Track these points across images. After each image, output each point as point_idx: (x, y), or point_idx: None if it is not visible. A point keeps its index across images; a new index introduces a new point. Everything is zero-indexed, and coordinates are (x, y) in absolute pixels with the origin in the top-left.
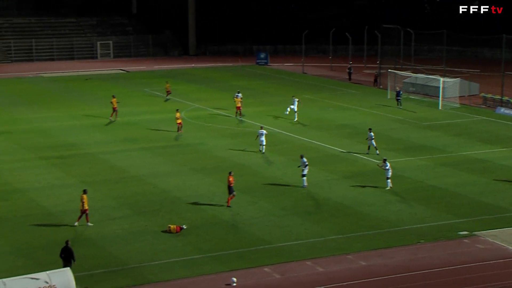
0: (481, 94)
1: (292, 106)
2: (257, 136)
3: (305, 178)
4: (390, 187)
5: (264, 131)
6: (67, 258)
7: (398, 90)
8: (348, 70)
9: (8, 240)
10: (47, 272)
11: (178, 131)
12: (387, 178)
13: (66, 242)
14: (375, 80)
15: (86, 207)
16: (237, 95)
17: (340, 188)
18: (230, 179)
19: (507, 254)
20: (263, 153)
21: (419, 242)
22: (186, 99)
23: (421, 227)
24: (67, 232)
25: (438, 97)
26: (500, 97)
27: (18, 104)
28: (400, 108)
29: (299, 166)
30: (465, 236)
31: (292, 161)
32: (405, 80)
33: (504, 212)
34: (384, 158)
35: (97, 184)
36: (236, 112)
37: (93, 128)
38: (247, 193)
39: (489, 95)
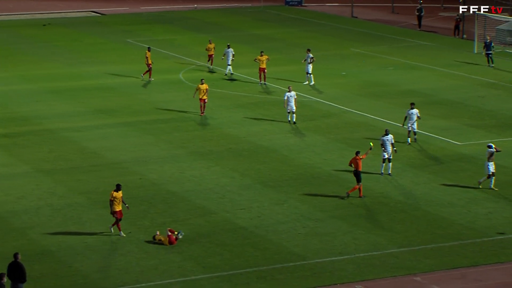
0: None
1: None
2: (285, 100)
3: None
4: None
5: (294, 93)
6: (15, 277)
7: (489, 41)
8: (417, 13)
9: None
10: None
11: (201, 112)
12: (490, 175)
13: (15, 256)
14: (456, 27)
15: (116, 208)
16: (261, 54)
17: (404, 181)
18: (359, 161)
19: None
20: (294, 123)
21: None
22: (186, 54)
23: None
24: (17, 241)
25: None
26: None
27: None
28: (492, 66)
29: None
30: None
31: (336, 141)
32: (499, 27)
33: None
34: (489, 144)
35: (59, 174)
36: (260, 76)
37: (54, 95)
38: (273, 188)
39: None
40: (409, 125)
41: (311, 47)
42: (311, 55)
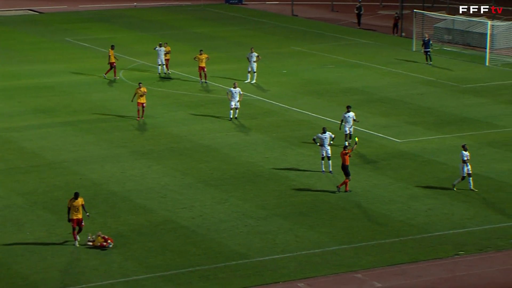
0: None
1: (252, 65)
2: (228, 94)
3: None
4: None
5: (239, 89)
6: None
7: (427, 39)
8: (356, 11)
9: None
10: None
11: (138, 116)
12: (465, 177)
13: None
14: (395, 25)
15: (73, 217)
16: (201, 52)
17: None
18: (346, 156)
19: None
20: (236, 118)
21: (457, 255)
22: (126, 52)
23: (460, 233)
24: None
25: (485, 48)
26: None
27: None
28: (430, 64)
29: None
30: None
31: (277, 140)
32: (437, 25)
33: None
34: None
35: None
36: (200, 74)
37: None
38: (214, 187)
39: None
40: (346, 128)
41: (252, 46)
42: (255, 54)
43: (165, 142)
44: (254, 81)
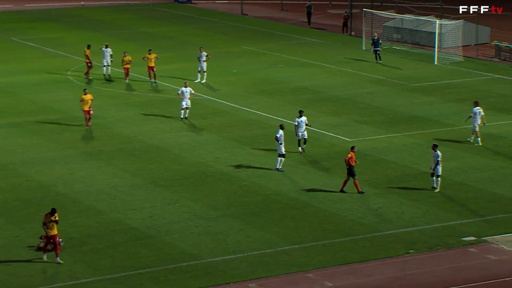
0: (493, 43)
1: (202, 64)
2: (179, 94)
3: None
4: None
5: (190, 89)
6: None
7: (376, 38)
8: (306, 10)
9: None
10: None
11: (87, 123)
12: (437, 176)
13: None
14: (345, 24)
15: (51, 232)
16: (149, 52)
17: (296, 178)
18: (352, 156)
19: None
20: (186, 118)
21: (407, 253)
22: (73, 52)
23: (411, 232)
24: None
25: (433, 47)
26: None
27: None
28: (380, 63)
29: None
30: (471, 243)
31: (228, 140)
32: (386, 24)
33: None
34: (435, 143)
35: None
36: (150, 74)
37: None
38: (165, 187)
39: (504, 44)
40: (299, 133)
41: (202, 45)
42: (205, 53)
43: (114, 142)
44: (204, 80)
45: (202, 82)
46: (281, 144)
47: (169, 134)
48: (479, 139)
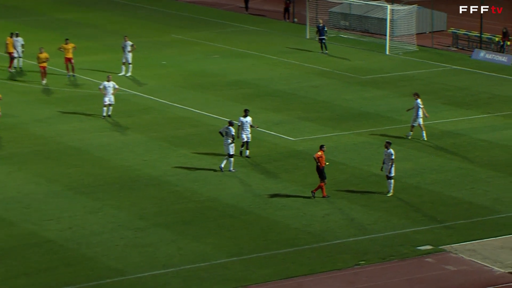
0: (450, 30)
1: (127, 56)
2: (101, 89)
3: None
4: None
5: (114, 83)
6: None
7: (321, 25)
8: None
9: None
10: None
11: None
12: (389, 178)
13: None
14: (286, 10)
15: None
16: (66, 42)
17: (233, 183)
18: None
19: (491, 278)
20: (109, 116)
21: (357, 265)
22: None
23: (361, 241)
24: None
25: (385, 35)
26: (478, 34)
27: None
28: (326, 53)
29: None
30: (428, 253)
31: (157, 140)
32: (332, 9)
33: (487, 214)
34: (388, 141)
35: None
36: (67, 67)
37: None
38: (86, 195)
39: (462, 31)
40: (243, 135)
41: (127, 33)
42: (130, 43)
43: (28, 144)
44: (129, 73)
45: (127, 75)
46: (230, 144)
47: (90, 135)
48: (424, 132)
